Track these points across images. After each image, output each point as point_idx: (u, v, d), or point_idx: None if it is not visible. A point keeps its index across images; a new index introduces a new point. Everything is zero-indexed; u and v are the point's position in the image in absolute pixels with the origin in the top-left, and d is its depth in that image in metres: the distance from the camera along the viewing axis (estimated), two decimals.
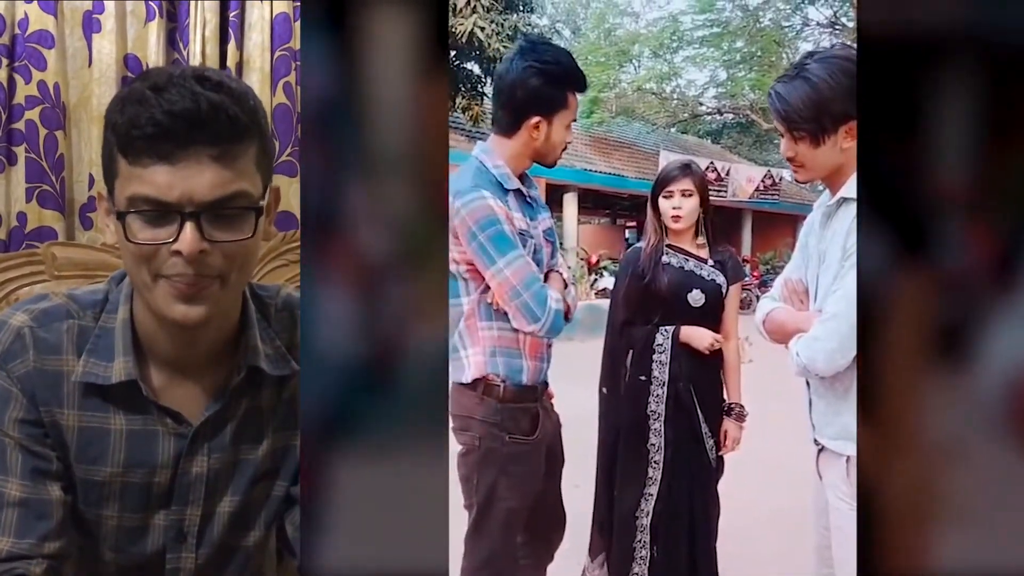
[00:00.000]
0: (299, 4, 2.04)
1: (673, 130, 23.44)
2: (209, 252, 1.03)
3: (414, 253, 1.00)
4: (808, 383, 1.84)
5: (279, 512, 1.30)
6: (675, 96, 22.12)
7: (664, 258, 2.61)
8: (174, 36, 2.00)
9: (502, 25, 12.75)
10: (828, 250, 1.76)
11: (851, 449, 1.69)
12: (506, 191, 1.93)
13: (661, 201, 2.61)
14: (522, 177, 2.01)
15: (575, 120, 2.00)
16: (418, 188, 1.01)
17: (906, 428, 0.90)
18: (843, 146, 1.69)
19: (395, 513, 0.98)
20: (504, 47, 12.44)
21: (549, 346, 2.04)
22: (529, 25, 13.80)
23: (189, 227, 1.00)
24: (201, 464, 1.20)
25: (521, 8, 14.08)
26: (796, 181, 2.61)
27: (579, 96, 2.01)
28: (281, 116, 2.03)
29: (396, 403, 0.99)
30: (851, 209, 1.67)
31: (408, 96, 1.00)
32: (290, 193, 2.00)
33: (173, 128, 0.97)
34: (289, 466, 1.28)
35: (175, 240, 1.01)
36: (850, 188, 1.70)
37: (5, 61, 1.82)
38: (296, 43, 2.05)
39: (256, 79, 2.01)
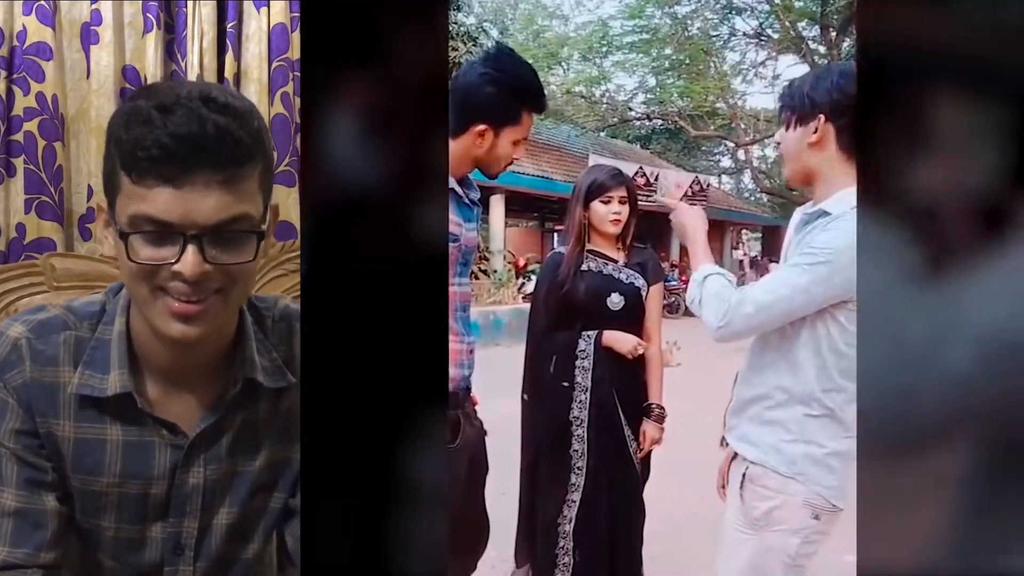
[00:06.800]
0: (296, 15, 2.05)
1: (602, 134, 23.47)
2: (210, 273, 1.03)
3: (412, 256, 1.01)
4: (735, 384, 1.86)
5: (278, 524, 1.30)
6: (604, 100, 22.01)
7: (584, 264, 2.61)
8: (172, 47, 2.00)
9: None
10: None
11: (747, 452, 1.75)
12: None
13: (597, 205, 2.59)
14: (464, 180, 1.96)
15: (526, 139, 1.92)
16: (417, 193, 1.01)
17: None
18: (809, 140, 1.70)
19: (394, 522, 0.99)
20: None
21: (471, 352, 2.00)
22: (454, 23, 13.64)
23: (191, 249, 1.00)
24: (197, 476, 1.20)
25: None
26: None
27: (536, 116, 1.93)
28: (279, 126, 2.03)
29: (395, 409, 0.99)
30: (829, 220, 1.66)
31: (407, 103, 1.00)
32: (288, 203, 2.00)
33: (179, 152, 0.96)
34: (287, 478, 1.28)
35: (177, 261, 1.00)
36: (834, 202, 1.68)
37: (3, 73, 1.82)
38: (293, 53, 2.05)
39: (254, 90, 2.02)
